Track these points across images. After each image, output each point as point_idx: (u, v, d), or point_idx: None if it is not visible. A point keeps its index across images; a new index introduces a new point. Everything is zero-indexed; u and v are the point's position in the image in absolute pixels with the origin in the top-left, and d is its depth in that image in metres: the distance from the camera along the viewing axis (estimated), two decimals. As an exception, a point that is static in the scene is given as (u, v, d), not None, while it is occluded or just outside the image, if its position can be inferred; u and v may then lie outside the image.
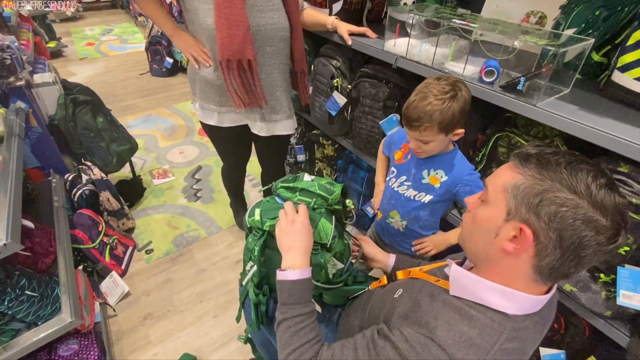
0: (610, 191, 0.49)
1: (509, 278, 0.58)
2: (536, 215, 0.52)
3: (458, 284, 0.62)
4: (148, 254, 2.12)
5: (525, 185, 0.53)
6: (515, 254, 0.55)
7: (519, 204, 0.54)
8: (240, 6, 1.19)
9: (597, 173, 0.51)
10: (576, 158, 0.53)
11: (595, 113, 0.93)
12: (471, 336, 0.55)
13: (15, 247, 1.07)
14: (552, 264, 0.53)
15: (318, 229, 0.91)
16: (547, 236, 0.51)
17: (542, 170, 0.53)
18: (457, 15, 1.24)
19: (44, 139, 1.99)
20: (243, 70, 1.31)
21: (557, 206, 0.50)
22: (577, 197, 0.49)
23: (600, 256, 0.51)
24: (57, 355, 1.42)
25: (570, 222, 0.49)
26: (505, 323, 0.56)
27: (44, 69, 2.71)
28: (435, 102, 0.96)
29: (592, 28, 1.06)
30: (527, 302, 0.57)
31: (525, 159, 0.55)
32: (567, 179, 0.50)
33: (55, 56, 5.01)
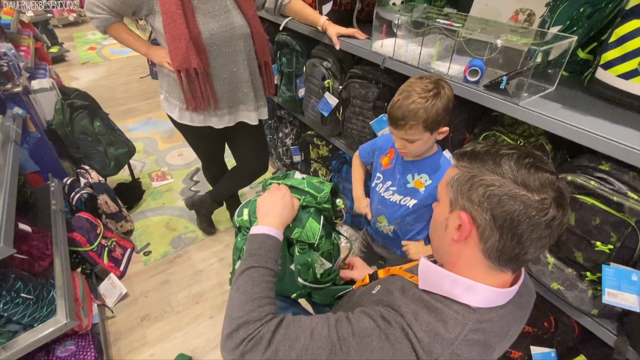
0: (533, 170, 0.52)
1: (468, 268, 0.59)
2: (469, 200, 0.55)
3: (425, 277, 0.63)
4: (146, 255, 2.14)
5: (459, 175, 0.58)
6: (462, 242, 0.58)
7: (456, 194, 0.58)
8: (180, 21, 1.31)
9: (520, 155, 0.54)
10: (507, 147, 0.57)
11: (579, 111, 0.93)
12: (436, 327, 0.56)
13: (8, 251, 1.09)
14: (496, 245, 0.55)
15: (305, 228, 0.92)
16: (482, 218, 0.54)
17: (472, 161, 0.57)
18: (443, 15, 1.24)
19: (42, 144, 2.03)
20: (194, 77, 1.42)
21: (484, 187, 0.54)
22: (500, 177, 0.53)
23: (540, 232, 0.52)
24: (54, 356, 1.44)
25: (497, 199, 0.52)
26: (469, 315, 0.57)
27: (44, 75, 2.76)
28: (419, 100, 0.96)
29: (576, 25, 1.05)
30: (489, 295, 0.58)
31: (462, 154, 0.60)
32: (492, 163, 0.54)
33: (58, 61, 5.07)
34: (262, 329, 0.61)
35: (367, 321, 0.59)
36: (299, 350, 0.59)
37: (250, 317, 0.63)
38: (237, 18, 1.45)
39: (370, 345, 0.57)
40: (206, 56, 1.42)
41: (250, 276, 0.71)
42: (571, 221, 0.96)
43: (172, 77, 1.50)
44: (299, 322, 0.63)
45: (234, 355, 0.61)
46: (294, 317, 0.64)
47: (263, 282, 0.71)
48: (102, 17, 1.37)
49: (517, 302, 0.62)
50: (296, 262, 0.92)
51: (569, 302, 1.02)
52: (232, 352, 0.61)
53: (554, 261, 1.04)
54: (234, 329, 0.62)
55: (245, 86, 1.57)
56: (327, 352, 0.58)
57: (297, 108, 2.06)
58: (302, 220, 0.92)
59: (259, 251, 0.75)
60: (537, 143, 1.06)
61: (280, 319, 0.64)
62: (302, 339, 0.60)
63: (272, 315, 0.65)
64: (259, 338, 0.60)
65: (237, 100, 1.60)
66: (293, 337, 0.60)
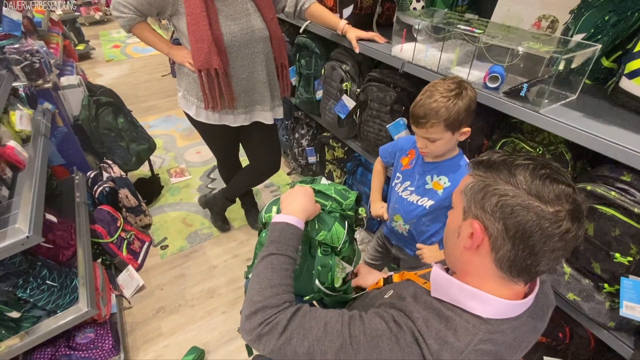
0: (549, 181, 0.52)
1: (479, 277, 0.59)
2: (482, 209, 0.56)
3: (437, 285, 0.63)
4: (163, 249, 2.20)
5: (473, 183, 0.58)
6: (475, 250, 0.58)
7: (470, 202, 0.58)
8: (204, 23, 1.35)
9: (536, 166, 0.53)
10: (524, 156, 0.56)
11: (600, 120, 0.92)
12: (446, 335, 0.56)
13: (37, 239, 1.15)
14: (507, 255, 0.54)
15: (331, 232, 0.94)
16: (494, 227, 0.54)
17: (487, 170, 0.57)
18: (464, 20, 1.24)
19: (68, 139, 2.11)
20: (214, 77, 1.46)
21: (498, 197, 0.54)
22: (514, 188, 0.53)
23: (553, 244, 0.52)
24: (74, 342, 1.50)
25: (510, 210, 0.52)
26: (479, 325, 0.56)
27: (72, 71, 2.86)
28: (441, 99, 0.98)
29: (601, 33, 1.04)
30: (501, 307, 0.57)
31: (477, 163, 0.59)
32: (507, 173, 0.54)
33: (84, 58, 5.25)
34: (279, 315, 0.64)
35: (379, 322, 0.60)
36: (312, 340, 0.61)
37: (268, 303, 0.66)
38: (257, 21, 1.49)
39: (380, 346, 0.58)
40: (226, 57, 1.46)
41: (271, 263, 0.73)
42: (590, 231, 0.94)
43: (191, 76, 1.54)
44: (315, 313, 0.65)
45: (252, 336, 0.64)
46: (310, 308, 0.66)
47: (282, 270, 0.73)
48: (127, 16, 1.42)
49: (532, 313, 0.62)
50: (317, 264, 0.93)
51: (585, 313, 1.01)
52: (249, 333, 0.64)
53: (570, 271, 1.03)
54: (252, 312, 0.65)
55: (262, 87, 1.61)
56: (338, 346, 0.59)
57: (314, 110, 2.08)
58: (329, 224, 0.94)
59: (280, 239, 0.77)
60: (557, 151, 1.05)
61: (297, 308, 0.66)
62: (316, 330, 0.62)
63: (289, 304, 0.67)
64: (275, 324, 0.63)
65: (253, 100, 1.64)
66: (307, 327, 0.62)
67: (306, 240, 0.97)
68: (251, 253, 2.13)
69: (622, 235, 0.86)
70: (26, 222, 1.17)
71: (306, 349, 0.60)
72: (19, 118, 1.59)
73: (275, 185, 2.74)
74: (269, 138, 1.85)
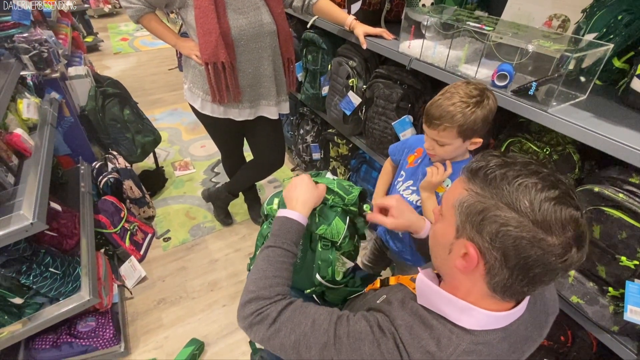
0: (557, 205, 0.46)
1: (468, 293, 0.56)
2: (479, 234, 0.50)
3: (422, 293, 0.61)
4: (165, 241, 2.21)
5: (469, 202, 0.52)
6: (467, 272, 0.54)
7: (464, 222, 0.53)
8: (212, 16, 1.35)
9: (545, 186, 0.47)
10: (527, 169, 0.49)
11: (610, 121, 0.90)
12: (428, 344, 0.55)
13: (41, 226, 1.16)
14: (503, 282, 0.51)
15: (331, 226, 0.93)
16: (492, 255, 0.50)
17: (485, 187, 0.50)
18: (474, 17, 1.23)
19: (75, 129, 2.12)
20: (221, 70, 1.46)
21: (498, 225, 0.48)
22: (518, 216, 0.47)
23: (553, 275, 0.49)
24: (76, 330, 1.52)
25: (512, 241, 0.47)
26: (463, 336, 0.55)
27: (80, 62, 2.87)
28: (460, 103, 0.94)
29: (613, 33, 1.02)
30: (485, 319, 0.55)
31: (473, 173, 0.53)
32: (509, 195, 0.48)
33: (92, 50, 5.28)
34: (270, 307, 0.66)
35: (364, 325, 0.60)
36: (298, 334, 0.62)
37: (260, 294, 0.68)
38: (265, 15, 1.49)
39: (361, 349, 0.57)
40: (234, 51, 1.46)
41: (267, 255, 0.75)
42: (596, 234, 0.93)
43: (197, 69, 1.54)
44: (306, 309, 0.66)
45: (245, 323, 0.67)
46: (302, 304, 0.67)
47: (277, 262, 0.74)
48: (136, 7, 1.43)
49: (526, 321, 0.60)
50: (317, 258, 0.94)
51: (589, 317, 0.99)
52: (243, 321, 0.67)
53: (574, 274, 1.02)
54: (246, 300, 0.68)
55: (268, 81, 1.61)
56: (322, 344, 0.60)
57: (320, 106, 2.08)
58: (329, 218, 0.93)
59: (278, 232, 0.79)
60: (565, 152, 1.03)
61: (289, 301, 0.67)
62: (304, 325, 0.63)
63: (282, 297, 0.69)
64: (265, 315, 0.65)
65: (259, 94, 1.63)
66: (296, 321, 0.64)
67: (307, 234, 0.96)
68: (253, 247, 2.14)
69: (629, 238, 0.85)
70: (31, 209, 1.17)
71: (292, 342, 0.62)
72: (27, 106, 1.60)
73: (278, 181, 2.74)
74: (273, 133, 1.85)
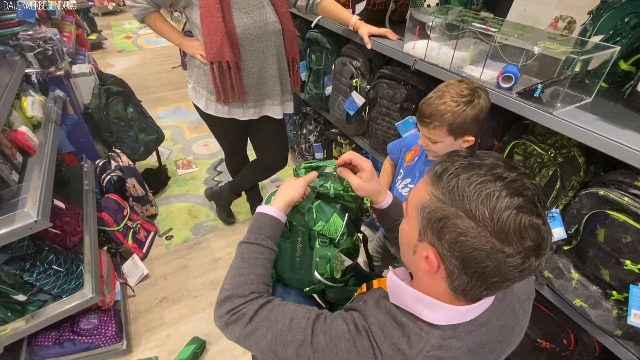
0: (517, 214, 0.45)
1: (433, 292, 0.57)
2: (439, 240, 0.51)
3: (392, 292, 0.62)
4: (168, 240, 2.22)
5: (430, 208, 0.51)
6: (429, 274, 0.55)
7: (426, 227, 0.53)
8: (217, 15, 1.34)
9: (508, 194, 0.46)
10: (492, 174, 0.48)
11: (616, 124, 0.90)
12: (399, 342, 0.56)
13: (45, 224, 1.16)
14: (463, 286, 0.52)
15: (329, 223, 0.92)
16: (450, 262, 0.50)
17: (447, 192, 0.50)
18: (479, 18, 1.22)
19: (78, 126, 2.13)
20: (226, 70, 1.46)
21: (457, 234, 0.48)
22: (476, 225, 0.46)
23: (511, 282, 0.49)
24: (78, 327, 1.52)
25: (470, 251, 0.47)
26: (432, 332, 0.56)
27: (84, 60, 2.88)
28: (450, 102, 0.96)
29: (620, 35, 1.01)
30: (450, 314, 0.56)
31: (437, 176, 0.52)
32: (469, 204, 0.47)
33: (96, 48, 5.29)
34: (246, 306, 0.65)
35: (341, 324, 0.61)
36: (275, 333, 0.62)
37: (235, 292, 0.67)
38: (270, 14, 1.48)
39: (338, 347, 0.58)
40: (238, 50, 1.46)
41: (241, 252, 0.74)
42: (600, 237, 0.93)
43: (202, 68, 1.54)
44: (284, 308, 0.66)
45: (220, 322, 0.67)
46: (280, 302, 0.67)
47: (251, 259, 0.73)
48: (141, 6, 1.43)
49: (497, 311, 0.60)
50: (316, 255, 0.94)
51: (592, 320, 0.99)
52: (218, 320, 0.67)
53: (578, 277, 1.01)
54: (221, 299, 0.68)
55: (273, 81, 1.61)
56: (299, 342, 0.60)
57: (323, 105, 2.07)
58: (327, 215, 0.93)
59: (252, 228, 0.78)
60: (570, 155, 1.03)
61: (266, 300, 0.67)
62: (281, 324, 0.63)
63: (257, 295, 0.68)
64: (241, 314, 0.65)
65: (263, 94, 1.63)
66: (273, 320, 0.63)
67: (306, 231, 0.96)
68: (255, 247, 2.14)
69: (634, 242, 0.85)
70: (35, 206, 1.18)
71: (269, 341, 0.62)
72: (31, 104, 1.61)
73: (281, 181, 2.74)
74: (277, 133, 1.85)
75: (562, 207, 1.06)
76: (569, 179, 1.03)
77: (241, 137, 1.93)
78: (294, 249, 1.00)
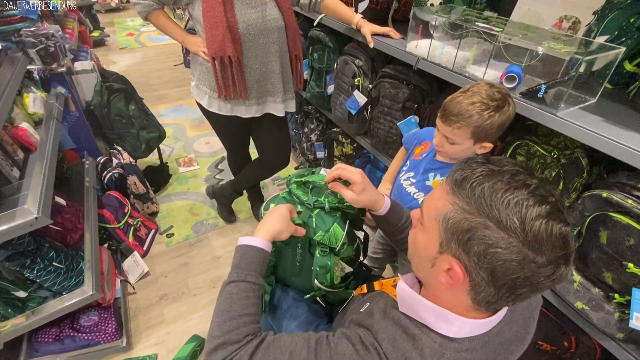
0: (548, 222, 0.44)
1: (451, 305, 0.56)
2: (466, 253, 0.49)
3: (404, 301, 0.61)
4: (169, 237, 2.22)
5: (455, 219, 0.49)
6: (451, 287, 0.53)
7: (450, 239, 0.51)
8: (219, 10, 1.34)
9: (536, 201, 0.45)
10: (515, 181, 0.47)
11: (620, 125, 0.89)
12: (412, 356, 0.54)
13: (45, 220, 1.16)
14: (489, 298, 0.51)
15: (329, 233, 0.91)
16: (478, 275, 0.49)
17: (472, 202, 0.48)
18: (483, 18, 1.21)
19: (80, 123, 2.13)
20: (228, 65, 1.45)
21: (487, 246, 0.46)
22: (507, 236, 0.45)
23: (540, 291, 0.49)
24: (78, 324, 1.53)
25: (500, 263, 0.46)
26: (447, 344, 0.54)
27: (86, 57, 2.88)
28: (480, 104, 0.92)
29: (625, 36, 1.00)
30: (467, 327, 0.55)
31: (458, 185, 0.50)
32: (498, 213, 0.46)
33: (98, 45, 5.29)
34: (240, 351, 0.61)
35: (347, 345, 0.58)
36: None
37: (228, 339, 0.62)
38: (272, 10, 1.48)
39: None
40: (241, 46, 1.45)
41: (230, 293, 0.69)
42: (602, 240, 0.92)
43: (205, 66, 1.54)
44: (279, 342, 0.62)
45: None
46: (274, 338, 0.64)
47: (242, 299, 0.68)
48: (145, 3, 1.43)
49: (508, 321, 0.59)
50: (316, 264, 0.92)
51: (593, 323, 0.98)
52: None
53: (580, 279, 1.00)
54: (212, 348, 0.62)
55: (275, 78, 1.60)
56: None
57: (325, 104, 2.07)
58: (327, 224, 0.91)
59: (240, 264, 0.73)
60: (573, 156, 1.02)
61: (260, 340, 0.63)
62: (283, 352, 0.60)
63: (252, 337, 0.64)
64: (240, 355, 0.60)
65: (266, 91, 1.63)
66: (271, 358, 0.60)
67: (306, 238, 0.95)
68: (255, 245, 2.13)
69: (637, 245, 0.84)
70: (35, 203, 1.18)
71: None
72: (33, 100, 1.61)
73: (282, 179, 2.74)
74: (280, 132, 1.84)
75: (564, 209, 1.05)
76: (572, 181, 1.02)
77: (243, 135, 1.92)
78: (294, 254, 1.00)
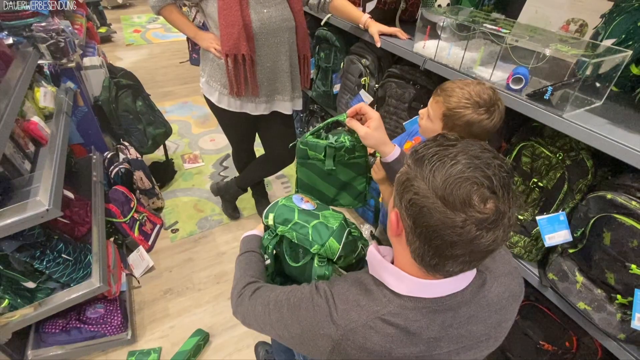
0: (465, 182, 0.48)
1: (401, 260, 0.62)
2: (400, 202, 0.56)
3: (371, 265, 0.68)
4: (173, 233, 2.24)
5: (401, 173, 0.57)
6: (397, 238, 0.60)
7: (396, 192, 0.58)
8: (235, 8, 1.37)
9: (467, 165, 0.49)
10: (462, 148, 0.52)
11: (626, 128, 0.90)
12: (359, 299, 0.62)
13: (56, 213, 1.18)
14: (417, 251, 0.55)
15: (325, 247, 0.89)
16: (406, 223, 0.55)
17: (415, 162, 0.54)
18: (490, 20, 1.22)
19: (88, 118, 2.15)
20: (241, 63, 1.48)
21: (412, 194, 0.52)
22: (426, 187, 0.51)
23: (456, 250, 0.51)
24: (85, 316, 1.55)
25: (418, 209, 0.51)
26: (394, 299, 0.60)
27: (93, 53, 2.90)
28: (465, 94, 0.90)
29: (632, 39, 1.01)
30: (412, 285, 0.60)
31: (411, 153, 0.57)
32: (428, 170, 0.51)
33: (105, 41, 5.31)
34: (245, 290, 0.84)
35: (307, 289, 0.70)
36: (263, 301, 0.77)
37: (240, 283, 0.88)
38: (285, 11, 1.50)
39: (299, 306, 0.67)
40: (254, 44, 1.47)
41: (239, 261, 0.96)
42: (606, 241, 0.93)
43: (215, 62, 1.56)
44: (272, 288, 0.80)
45: (236, 302, 0.85)
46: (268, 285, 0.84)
47: (245, 262, 0.94)
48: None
49: (469, 303, 0.61)
50: (314, 274, 0.92)
51: (595, 323, 0.99)
52: (234, 300, 0.85)
53: (582, 280, 1.01)
54: (233, 288, 0.89)
55: (285, 76, 1.62)
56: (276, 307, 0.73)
57: (330, 103, 2.08)
58: (323, 238, 0.90)
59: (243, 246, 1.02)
60: (578, 158, 1.03)
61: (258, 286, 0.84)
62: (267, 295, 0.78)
63: (252, 284, 0.86)
64: (244, 296, 0.83)
65: (275, 89, 1.64)
66: (264, 295, 0.78)
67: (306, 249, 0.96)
68: (259, 242, 2.15)
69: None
70: (46, 195, 1.20)
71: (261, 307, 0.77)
72: (43, 95, 1.63)
73: (286, 177, 2.76)
74: (286, 129, 1.86)
75: (569, 210, 1.06)
76: (577, 182, 1.03)
77: (250, 132, 1.94)
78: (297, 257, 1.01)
